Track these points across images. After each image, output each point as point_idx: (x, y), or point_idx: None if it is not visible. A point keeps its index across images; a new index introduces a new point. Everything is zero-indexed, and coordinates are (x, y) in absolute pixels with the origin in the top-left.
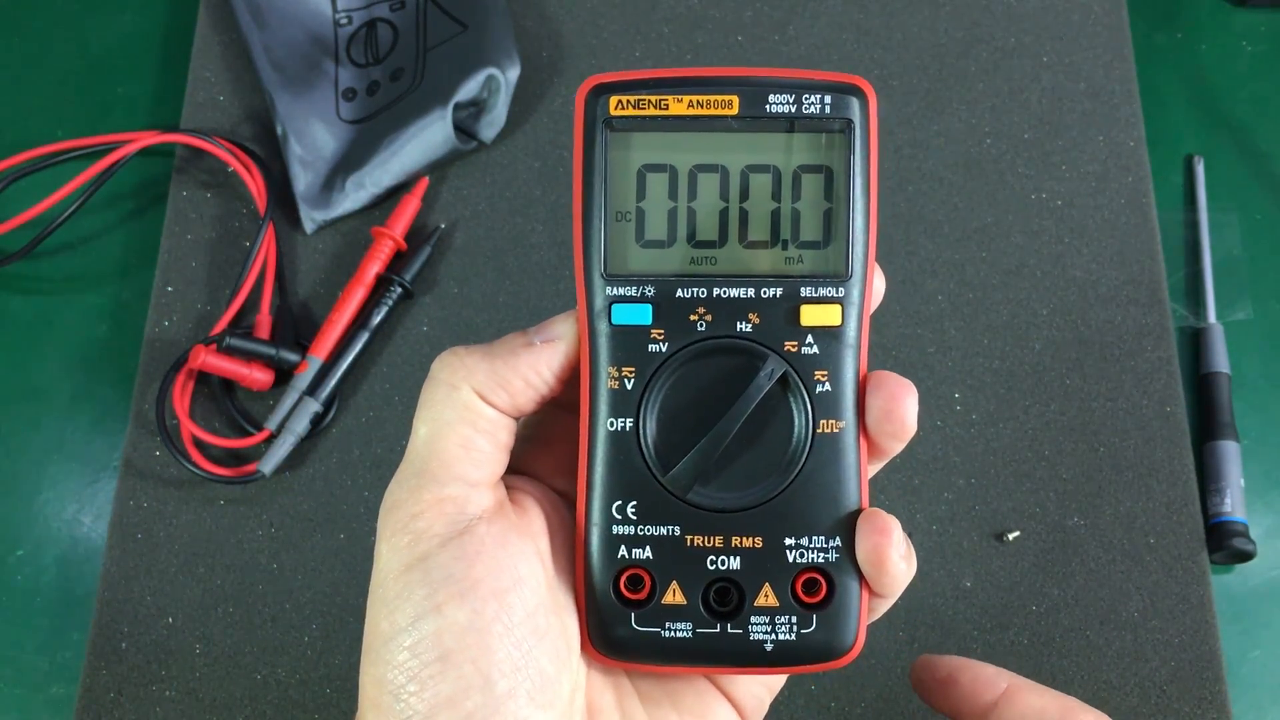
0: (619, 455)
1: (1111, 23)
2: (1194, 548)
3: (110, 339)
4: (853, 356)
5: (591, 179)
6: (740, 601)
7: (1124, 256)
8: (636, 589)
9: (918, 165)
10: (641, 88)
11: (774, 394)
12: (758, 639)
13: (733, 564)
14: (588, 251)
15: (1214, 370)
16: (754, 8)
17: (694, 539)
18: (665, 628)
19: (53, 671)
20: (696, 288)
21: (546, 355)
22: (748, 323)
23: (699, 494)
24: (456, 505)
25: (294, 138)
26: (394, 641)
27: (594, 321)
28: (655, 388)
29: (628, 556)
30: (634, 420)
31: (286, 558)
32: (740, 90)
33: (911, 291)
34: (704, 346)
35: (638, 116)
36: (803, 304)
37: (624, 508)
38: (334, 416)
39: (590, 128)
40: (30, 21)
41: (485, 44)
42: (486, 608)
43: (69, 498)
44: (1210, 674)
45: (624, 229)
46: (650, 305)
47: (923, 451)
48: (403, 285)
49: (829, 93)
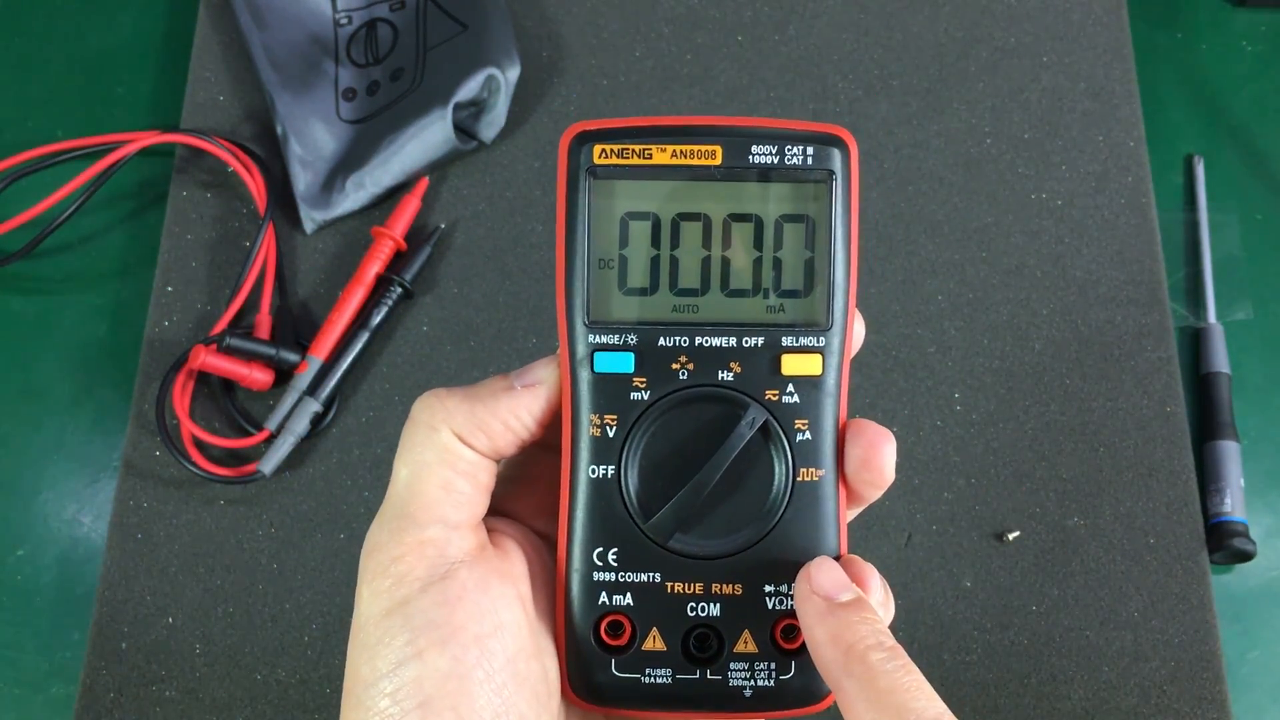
0: (600, 502)
1: (1111, 23)
2: (1194, 548)
3: (110, 339)
4: (832, 404)
5: (575, 226)
6: (720, 648)
7: (1124, 256)
8: (617, 635)
9: (918, 165)
10: (625, 136)
11: (755, 442)
12: (737, 685)
13: (713, 610)
14: (570, 298)
15: (1214, 370)
16: (754, 8)
17: (674, 586)
18: (645, 674)
19: (53, 671)
20: (679, 336)
21: (527, 400)
22: (729, 371)
23: (680, 541)
24: (437, 548)
25: (294, 138)
26: (375, 688)
27: (576, 368)
28: (637, 435)
29: (608, 603)
30: (615, 468)
31: (286, 558)
32: (723, 140)
33: (911, 291)
34: (685, 395)
35: (621, 166)
36: (784, 353)
37: (605, 554)
38: (334, 416)
39: (574, 175)
40: (30, 21)
41: (485, 44)
42: (467, 654)
43: (69, 498)
44: (1210, 674)
45: (606, 276)
46: (633, 354)
47: (923, 451)
48: (403, 285)
49: (811, 144)
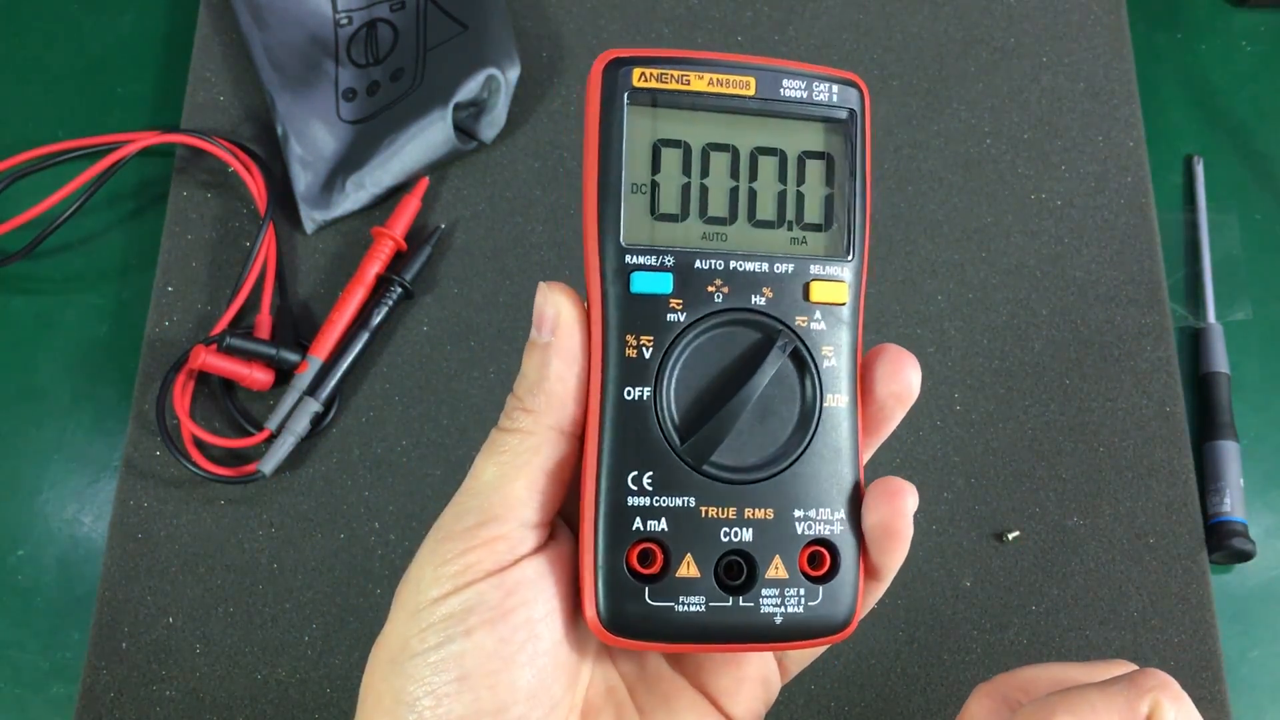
0: (636, 424)
1: (1111, 23)
2: (1194, 547)
3: (110, 339)
4: (852, 334)
5: (610, 147)
6: (750, 574)
7: (1124, 256)
8: (648, 564)
9: (918, 165)
10: (664, 63)
11: (786, 367)
12: (768, 612)
13: (745, 536)
14: (603, 220)
15: (1213, 370)
16: (754, 8)
17: (709, 510)
18: (679, 602)
19: (53, 671)
20: (714, 259)
21: (566, 343)
22: (762, 296)
23: (714, 465)
24: (509, 544)
25: (294, 138)
26: (420, 658)
27: (609, 288)
28: (673, 357)
29: (643, 529)
30: (652, 389)
31: (286, 558)
32: (757, 73)
33: (911, 291)
34: (722, 318)
35: (661, 90)
36: (812, 281)
37: (640, 478)
38: (334, 416)
39: (609, 99)
40: (30, 21)
41: (485, 44)
42: (516, 635)
43: (69, 498)
44: (1210, 674)
45: (639, 200)
46: (670, 274)
47: (923, 451)
48: (403, 285)
49: (836, 84)
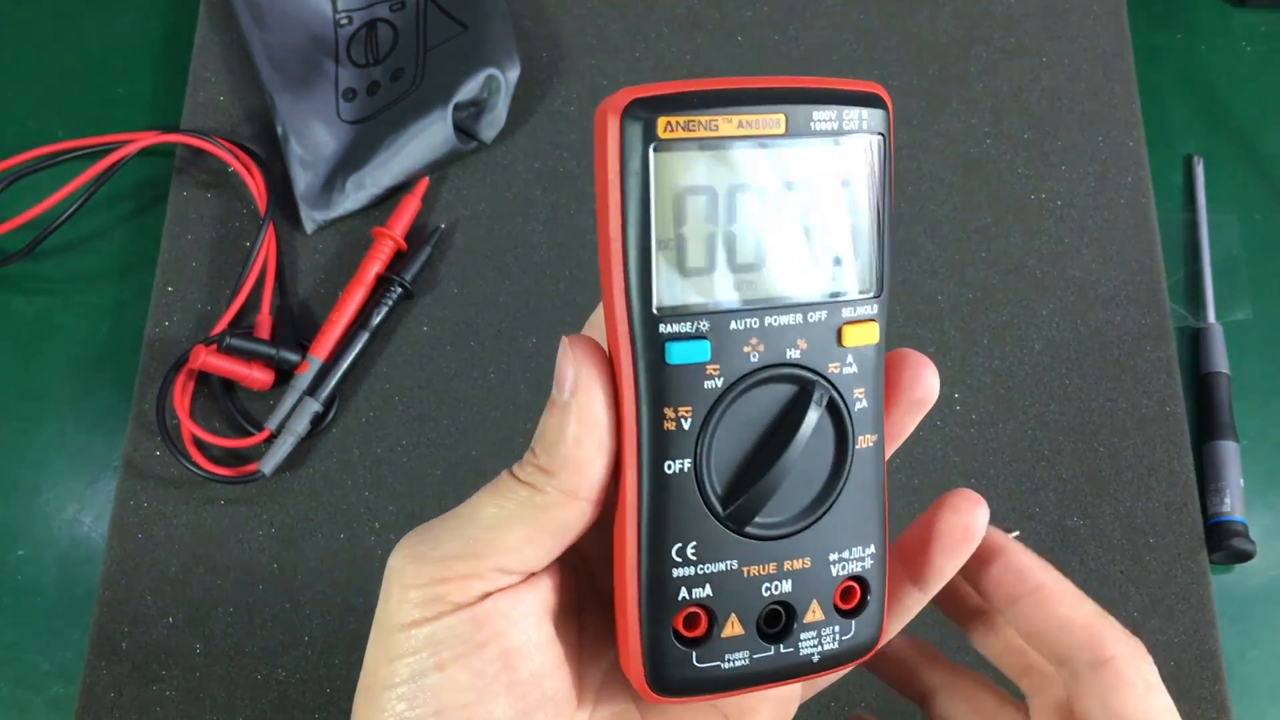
0: (678, 497)
1: (1111, 23)
2: (1194, 548)
3: (110, 339)
4: (879, 370)
5: (633, 205)
6: (789, 621)
7: (1124, 257)
8: (693, 627)
9: (918, 165)
10: (689, 107)
11: (821, 417)
12: (807, 653)
13: (785, 588)
14: (630, 284)
15: (1213, 370)
16: (754, 8)
17: (750, 570)
18: (725, 660)
19: (53, 671)
20: (749, 318)
21: (587, 403)
22: (796, 349)
23: (757, 525)
24: (484, 583)
25: (294, 138)
26: (392, 690)
27: (641, 361)
28: (711, 423)
29: (688, 597)
30: (692, 460)
31: (286, 558)
32: (787, 109)
33: (911, 291)
34: (758, 377)
35: (687, 139)
36: (844, 325)
37: (684, 549)
38: (334, 416)
39: (630, 150)
40: (30, 21)
41: (485, 44)
42: (489, 668)
43: (69, 498)
44: (1210, 674)
45: (668, 258)
46: (707, 341)
47: (923, 451)
48: (403, 285)
49: (864, 106)
